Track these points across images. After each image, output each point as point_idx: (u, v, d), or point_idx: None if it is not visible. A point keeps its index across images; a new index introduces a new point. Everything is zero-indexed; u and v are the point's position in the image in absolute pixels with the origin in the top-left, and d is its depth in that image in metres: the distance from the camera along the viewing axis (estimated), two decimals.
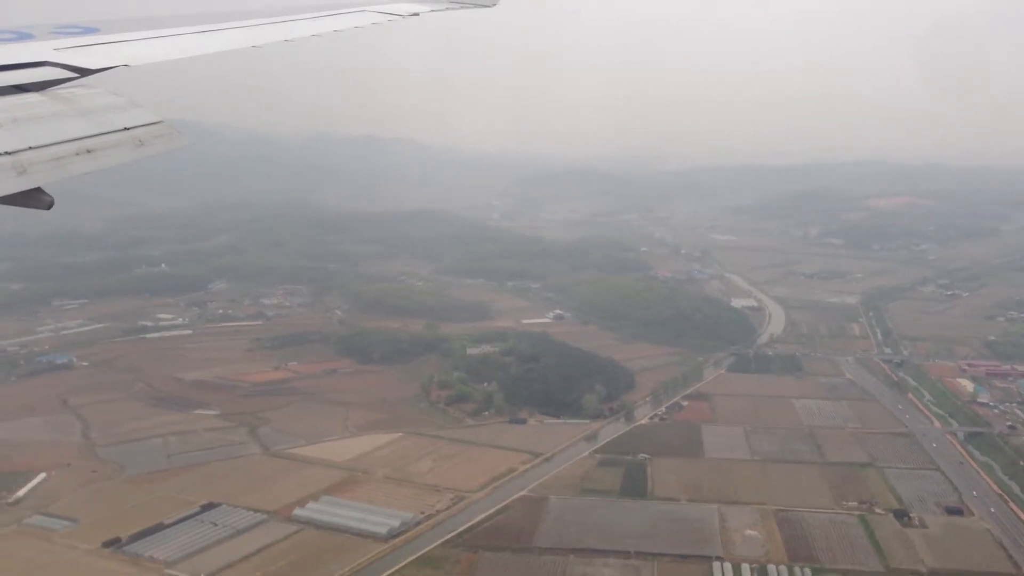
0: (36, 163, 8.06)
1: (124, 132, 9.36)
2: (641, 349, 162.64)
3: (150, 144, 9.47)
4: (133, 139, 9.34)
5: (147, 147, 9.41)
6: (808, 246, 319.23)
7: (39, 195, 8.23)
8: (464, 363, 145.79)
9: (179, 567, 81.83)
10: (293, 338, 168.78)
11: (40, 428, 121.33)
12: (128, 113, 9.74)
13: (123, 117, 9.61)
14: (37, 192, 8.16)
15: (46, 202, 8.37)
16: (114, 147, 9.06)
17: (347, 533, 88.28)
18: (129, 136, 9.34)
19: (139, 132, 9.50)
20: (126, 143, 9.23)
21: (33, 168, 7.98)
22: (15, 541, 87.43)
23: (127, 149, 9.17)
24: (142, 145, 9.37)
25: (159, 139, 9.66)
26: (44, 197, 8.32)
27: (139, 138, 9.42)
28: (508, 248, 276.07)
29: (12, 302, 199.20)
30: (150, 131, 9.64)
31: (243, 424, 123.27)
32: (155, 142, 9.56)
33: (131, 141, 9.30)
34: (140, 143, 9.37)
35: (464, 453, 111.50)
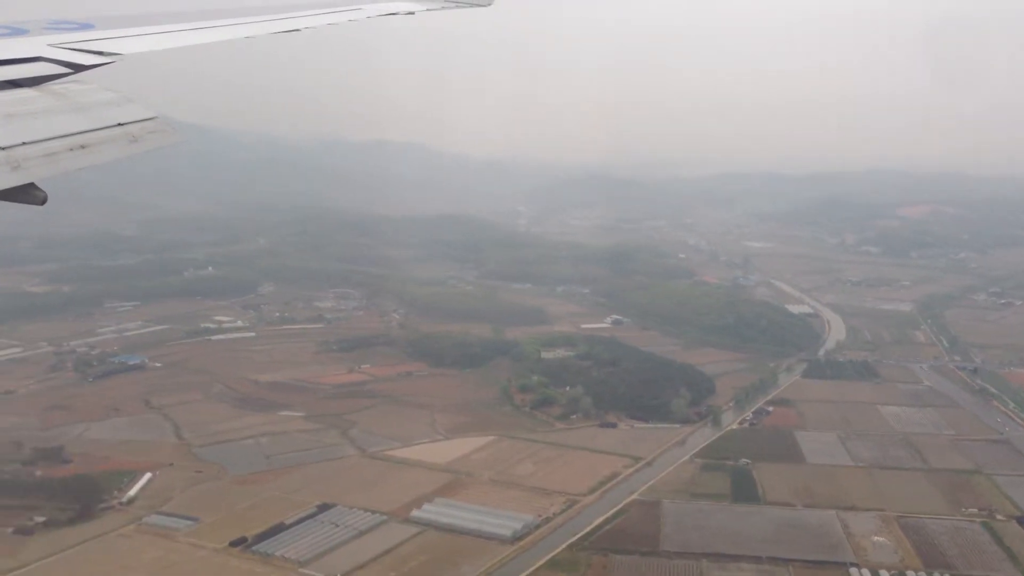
0: (30, 158, 8.00)
1: (118, 128, 9.31)
2: (708, 354, 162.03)
3: (144, 140, 9.44)
4: (127, 135, 9.31)
5: (141, 143, 9.37)
6: (845, 253, 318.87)
7: (32, 191, 8.14)
8: (539, 367, 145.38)
9: (311, 567, 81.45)
10: (359, 341, 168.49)
11: (130, 428, 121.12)
12: (122, 109, 9.71)
13: (117, 113, 9.56)
14: (31, 187, 8.07)
15: (39, 198, 8.24)
16: (108, 143, 9.02)
17: (469, 535, 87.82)
18: (123, 132, 9.30)
19: (133, 128, 9.46)
20: (120, 139, 9.20)
21: (27, 163, 7.92)
22: (138, 540, 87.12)
23: (121, 145, 9.14)
24: (136, 141, 9.33)
25: (153, 135, 9.62)
26: (38, 193, 8.22)
27: (133, 134, 9.38)
28: (549, 253, 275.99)
29: (66, 304, 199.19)
30: (144, 127, 9.60)
31: (331, 426, 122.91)
32: (149, 138, 9.53)
33: (125, 137, 9.27)
34: (134, 139, 9.33)
35: (563, 456, 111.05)
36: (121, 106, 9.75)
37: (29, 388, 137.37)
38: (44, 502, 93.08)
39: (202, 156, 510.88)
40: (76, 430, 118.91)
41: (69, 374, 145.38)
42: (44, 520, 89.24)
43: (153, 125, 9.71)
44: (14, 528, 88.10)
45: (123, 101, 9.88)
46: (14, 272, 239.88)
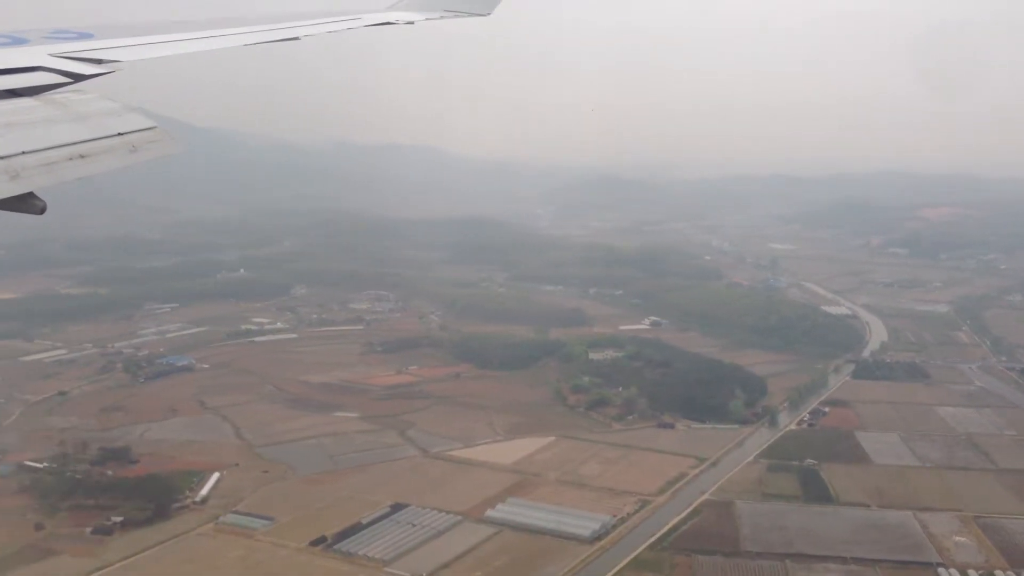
0: (29, 168, 7.97)
1: (118, 137, 9.29)
2: (753, 356, 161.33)
3: (143, 149, 9.40)
4: (126, 144, 9.28)
5: (140, 152, 9.34)
6: (872, 255, 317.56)
7: (32, 200, 8.12)
8: (589, 368, 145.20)
9: (395, 566, 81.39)
10: (402, 343, 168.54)
11: (189, 429, 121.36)
12: (122, 118, 9.69)
13: (117, 122, 9.54)
14: (30, 197, 8.05)
15: (38, 207, 8.25)
16: (107, 152, 9.00)
17: (547, 535, 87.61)
18: (123, 141, 9.28)
19: (133, 137, 9.43)
20: (119, 148, 9.18)
21: (26, 172, 7.89)
22: (218, 540, 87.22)
23: (120, 154, 9.12)
24: (135, 151, 9.30)
25: (153, 144, 9.59)
26: (36, 202, 8.20)
27: (132, 143, 9.35)
28: (577, 256, 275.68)
29: (105, 306, 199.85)
30: (144, 136, 9.57)
31: (388, 427, 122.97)
32: (148, 147, 9.50)
33: (124, 146, 9.24)
34: (134, 148, 9.30)
35: (626, 457, 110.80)
36: (121, 116, 9.76)
37: (82, 389, 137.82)
38: (119, 502, 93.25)
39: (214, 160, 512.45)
40: (136, 431, 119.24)
41: (120, 375, 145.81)
42: (121, 520, 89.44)
43: (152, 135, 9.71)
44: (93, 528, 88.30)
45: (123, 111, 9.90)
46: (45, 275, 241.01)
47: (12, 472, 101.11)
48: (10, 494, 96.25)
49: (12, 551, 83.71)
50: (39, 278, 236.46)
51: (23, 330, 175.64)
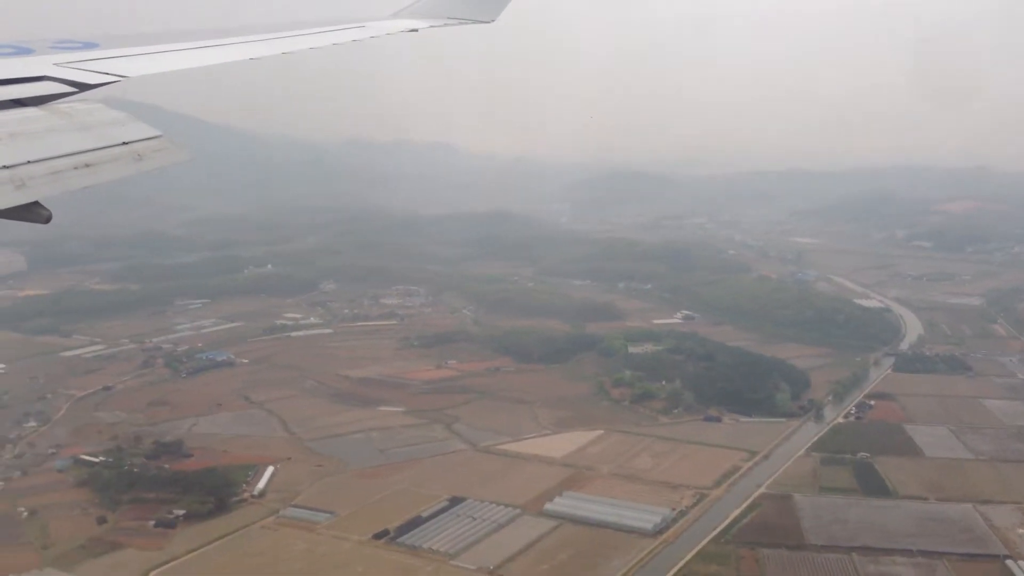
0: (35, 177, 8.01)
1: (123, 147, 9.33)
2: (790, 349, 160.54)
3: (149, 158, 9.44)
4: (132, 153, 9.32)
5: (146, 161, 9.37)
6: (896, 249, 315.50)
7: (37, 209, 8.16)
8: (629, 362, 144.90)
9: (461, 559, 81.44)
10: (438, 338, 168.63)
11: (237, 423, 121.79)
12: (127, 128, 9.72)
13: (122, 131, 9.57)
14: (35, 206, 8.09)
15: (44, 216, 8.26)
16: (113, 161, 9.04)
17: (609, 528, 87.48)
18: (128, 150, 9.32)
19: (138, 147, 9.47)
20: (125, 157, 9.21)
21: (32, 182, 7.93)
22: (281, 533, 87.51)
23: (126, 163, 9.15)
24: (141, 159, 9.33)
25: (158, 153, 9.64)
26: (42, 211, 8.23)
27: (138, 152, 9.38)
28: (602, 250, 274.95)
29: (138, 302, 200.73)
30: (149, 145, 9.61)
31: (434, 421, 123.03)
32: (154, 156, 9.54)
33: (130, 155, 9.27)
34: (139, 157, 9.33)
35: (677, 450, 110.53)
36: (125, 125, 9.76)
37: (126, 384, 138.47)
38: (178, 495, 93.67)
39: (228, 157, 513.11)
40: (184, 425, 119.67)
41: (161, 370, 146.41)
42: (183, 513, 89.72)
43: (158, 144, 9.73)
44: (156, 521, 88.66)
45: (127, 120, 9.89)
46: (74, 271, 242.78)
47: (69, 466, 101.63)
48: (69, 488, 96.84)
49: (78, 544, 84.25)
50: (67, 275, 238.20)
51: (57, 326, 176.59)
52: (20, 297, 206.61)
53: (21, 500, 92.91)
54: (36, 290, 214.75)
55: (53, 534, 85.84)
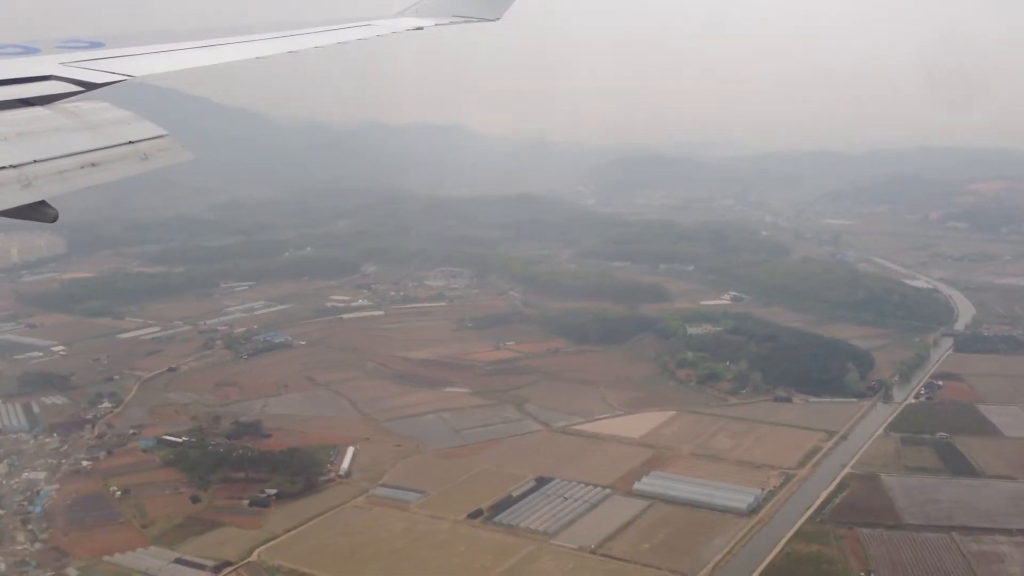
0: (41, 176, 8.02)
1: (129, 146, 9.37)
2: (846, 330, 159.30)
3: (154, 158, 9.48)
4: (138, 152, 9.36)
5: (151, 161, 9.42)
6: (932, 230, 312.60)
7: (43, 208, 8.15)
8: (690, 342, 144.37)
9: (560, 539, 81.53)
10: (491, 319, 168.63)
11: (307, 404, 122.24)
12: (132, 127, 9.76)
13: (128, 131, 9.61)
14: (42, 205, 8.08)
15: (50, 215, 8.26)
16: (119, 160, 9.08)
17: (702, 508, 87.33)
18: (134, 150, 9.36)
19: (144, 146, 9.51)
20: (130, 156, 9.25)
21: (38, 181, 7.93)
22: (376, 512, 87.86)
23: (131, 162, 9.19)
24: (146, 159, 9.37)
25: (163, 153, 9.66)
26: (48, 211, 8.23)
27: (144, 151, 9.42)
28: (638, 232, 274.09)
29: (183, 284, 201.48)
30: (155, 145, 9.64)
31: (503, 402, 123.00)
32: (159, 155, 9.57)
33: (135, 155, 9.31)
34: (145, 157, 9.37)
35: (753, 431, 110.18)
36: (131, 124, 9.80)
37: (190, 365, 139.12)
38: (267, 475, 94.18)
39: (248, 140, 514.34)
40: (255, 406, 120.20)
41: (221, 352, 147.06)
42: (275, 492, 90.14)
43: (163, 143, 9.76)
44: (250, 500, 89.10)
45: (133, 119, 9.94)
46: (113, 254, 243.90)
47: (153, 446, 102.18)
48: (156, 467, 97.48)
49: (176, 523, 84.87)
50: (107, 257, 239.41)
51: (109, 308, 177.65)
52: (65, 280, 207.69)
53: (112, 479, 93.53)
54: (79, 273, 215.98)
55: (150, 513, 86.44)
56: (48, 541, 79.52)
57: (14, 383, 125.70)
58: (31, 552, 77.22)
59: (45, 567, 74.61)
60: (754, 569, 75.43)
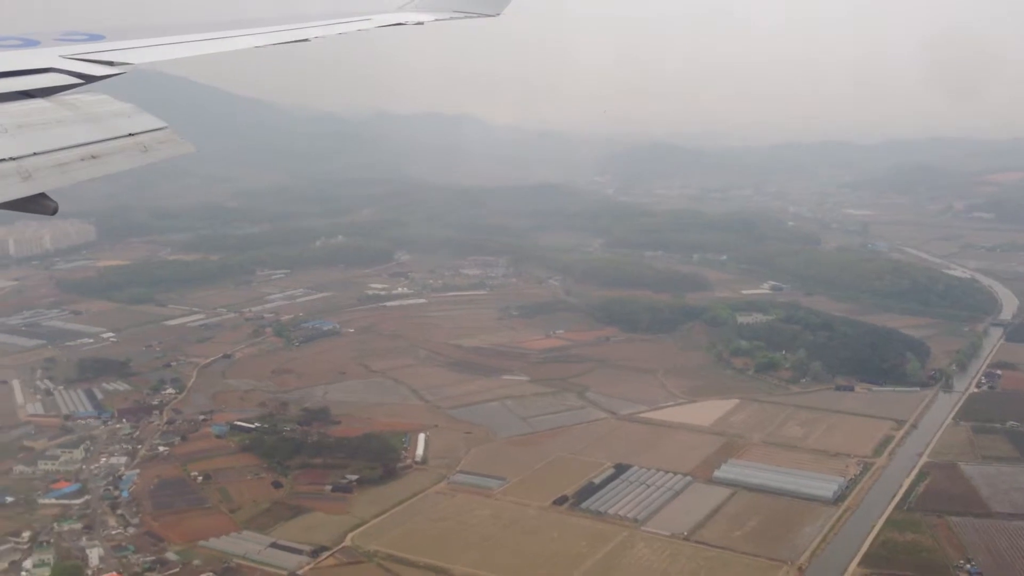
0: (41, 168, 8.00)
1: (129, 138, 9.36)
2: (894, 319, 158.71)
3: (155, 150, 9.48)
4: (138, 145, 9.36)
5: (151, 153, 9.42)
6: (957, 220, 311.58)
7: (44, 200, 8.14)
8: (741, 331, 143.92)
9: (650, 525, 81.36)
10: (536, 307, 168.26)
11: (366, 390, 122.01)
12: (133, 119, 9.76)
13: (128, 123, 9.61)
14: (42, 198, 8.07)
15: (51, 208, 8.26)
16: (119, 153, 9.07)
17: (786, 496, 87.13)
18: (134, 142, 9.35)
19: (144, 138, 9.50)
20: (131, 149, 9.25)
21: (38, 173, 7.91)
22: (460, 498, 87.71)
23: (132, 155, 9.19)
24: (147, 151, 9.38)
25: (163, 145, 9.66)
26: (48, 203, 8.23)
27: (144, 144, 9.42)
28: (666, 221, 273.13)
29: (219, 272, 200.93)
30: (155, 137, 9.64)
31: (563, 390, 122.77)
32: (160, 148, 9.57)
33: (136, 147, 9.31)
34: (145, 149, 9.37)
35: (822, 419, 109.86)
36: (131, 117, 9.79)
37: (244, 352, 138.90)
38: (344, 461, 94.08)
39: (259, 129, 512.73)
40: (315, 392, 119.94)
41: (272, 339, 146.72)
42: (356, 478, 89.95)
43: (163, 135, 9.75)
44: (332, 486, 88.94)
45: (134, 111, 9.93)
46: (143, 242, 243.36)
47: (226, 432, 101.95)
48: (232, 453, 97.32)
49: (264, 508, 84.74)
50: (137, 245, 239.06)
51: (150, 295, 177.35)
52: (100, 267, 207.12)
53: (191, 465, 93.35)
54: (113, 260, 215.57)
55: (235, 498, 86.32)
56: (140, 526, 79.42)
57: (73, 369, 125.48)
58: (126, 537, 77.14)
59: (144, 551, 74.40)
60: (851, 557, 75.21)
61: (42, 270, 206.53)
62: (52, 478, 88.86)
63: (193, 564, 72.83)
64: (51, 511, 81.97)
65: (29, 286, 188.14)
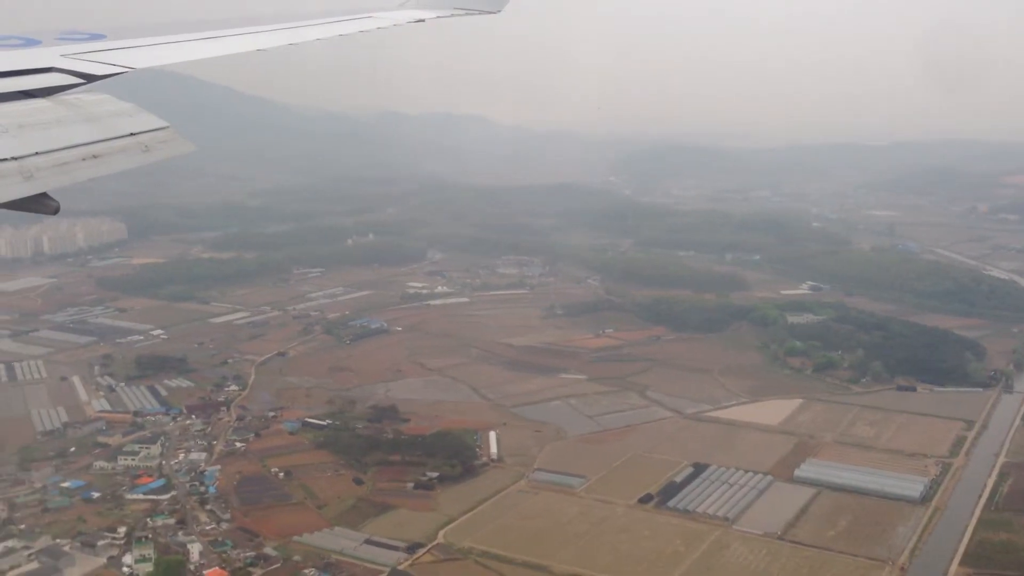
0: (42, 168, 8.00)
1: (130, 138, 9.35)
2: (940, 320, 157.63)
3: (156, 150, 9.47)
4: (139, 145, 9.35)
5: (152, 152, 9.40)
6: (982, 221, 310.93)
7: (45, 200, 8.16)
8: (793, 331, 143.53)
9: (741, 524, 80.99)
10: (581, 307, 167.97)
11: (426, 388, 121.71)
12: (134, 119, 9.75)
13: (129, 123, 9.60)
14: (43, 197, 8.08)
15: (52, 207, 8.26)
16: (120, 152, 9.05)
17: (872, 496, 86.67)
18: (135, 142, 9.35)
19: (145, 138, 9.49)
20: (132, 149, 9.24)
21: (39, 173, 7.91)
22: (542, 496, 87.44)
23: (133, 155, 9.18)
24: (148, 151, 9.36)
25: (164, 145, 9.65)
26: (50, 202, 8.24)
27: (145, 144, 9.41)
28: (696, 222, 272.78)
29: (257, 270, 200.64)
30: (156, 137, 9.63)
31: (623, 388, 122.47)
32: (160, 148, 9.56)
33: (137, 147, 9.31)
34: (146, 148, 9.35)
35: (890, 419, 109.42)
36: (132, 116, 9.79)
37: (297, 350, 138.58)
38: (421, 458, 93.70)
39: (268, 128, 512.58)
40: (376, 390, 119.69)
41: (322, 337, 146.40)
42: (437, 476, 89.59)
43: (164, 135, 9.74)
44: (414, 483, 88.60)
45: (135, 111, 9.92)
46: (171, 241, 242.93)
47: (298, 429, 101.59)
48: (308, 449, 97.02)
49: (349, 504, 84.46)
50: (166, 243, 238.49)
51: (190, 293, 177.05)
52: (136, 265, 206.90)
53: (268, 461, 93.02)
54: (145, 258, 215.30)
55: (319, 495, 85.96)
56: (231, 521, 79.05)
57: (131, 366, 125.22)
58: (220, 532, 76.75)
59: (241, 547, 74.02)
60: (951, 557, 74.79)
61: (77, 267, 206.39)
62: (133, 473, 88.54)
63: (293, 559, 72.43)
64: (140, 507, 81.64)
65: (67, 283, 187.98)
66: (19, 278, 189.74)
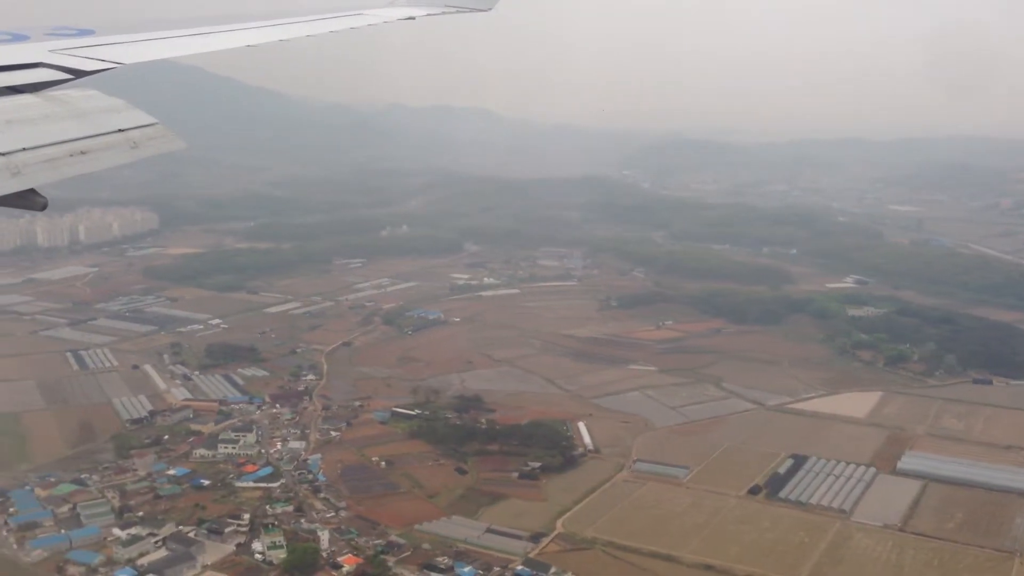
0: (30, 164, 7.95)
1: (118, 134, 9.32)
2: (995, 313, 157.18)
3: (144, 146, 9.45)
4: (128, 141, 9.34)
5: (141, 149, 9.38)
6: (1005, 217, 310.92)
7: (33, 196, 8.12)
8: (855, 324, 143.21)
9: (858, 516, 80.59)
10: (634, 299, 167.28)
11: (501, 379, 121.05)
12: (122, 115, 9.72)
13: (117, 119, 9.57)
14: (31, 193, 8.05)
15: (40, 203, 8.24)
16: (108, 149, 9.04)
17: (980, 488, 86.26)
18: (124, 138, 9.33)
19: (134, 134, 9.47)
20: (120, 145, 9.22)
21: (27, 169, 7.86)
22: (649, 487, 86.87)
23: (121, 151, 9.16)
24: (136, 147, 9.35)
25: (153, 141, 9.63)
26: (38, 199, 8.23)
27: (134, 140, 9.40)
28: (726, 216, 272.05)
29: (298, 260, 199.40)
30: (145, 133, 9.61)
31: (697, 380, 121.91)
32: (149, 144, 9.54)
33: (125, 143, 9.29)
34: (134, 145, 9.34)
35: (977, 412, 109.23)
36: (121, 112, 9.77)
37: (360, 341, 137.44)
38: (519, 448, 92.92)
39: (274, 120, 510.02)
40: (450, 380, 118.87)
41: (383, 327, 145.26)
42: (540, 465, 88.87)
43: (153, 131, 9.72)
44: (519, 473, 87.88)
45: (123, 107, 9.91)
46: (201, 230, 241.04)
47: (388, 418, 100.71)
48: (402, 439, 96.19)
49: (458, 494, 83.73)
50: (198, 233, 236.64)
51: (238, 283, 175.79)
52: (174, 255, 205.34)
53: (366, 450, 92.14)
54: (177, 248, 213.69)
55: (425, 484, 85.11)
56: (347, 509, 78.16)
57: (201, 355, 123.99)
58: (340, 520, 75.88)
59: (365, 535, 73.18)
60: None
61: (114, 257, 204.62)
62: (234, 461, 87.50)
63: (422, 547, 71.63)
64: (251, 494, 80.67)
65: (110, 272, 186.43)
66: (61, 267, 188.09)
